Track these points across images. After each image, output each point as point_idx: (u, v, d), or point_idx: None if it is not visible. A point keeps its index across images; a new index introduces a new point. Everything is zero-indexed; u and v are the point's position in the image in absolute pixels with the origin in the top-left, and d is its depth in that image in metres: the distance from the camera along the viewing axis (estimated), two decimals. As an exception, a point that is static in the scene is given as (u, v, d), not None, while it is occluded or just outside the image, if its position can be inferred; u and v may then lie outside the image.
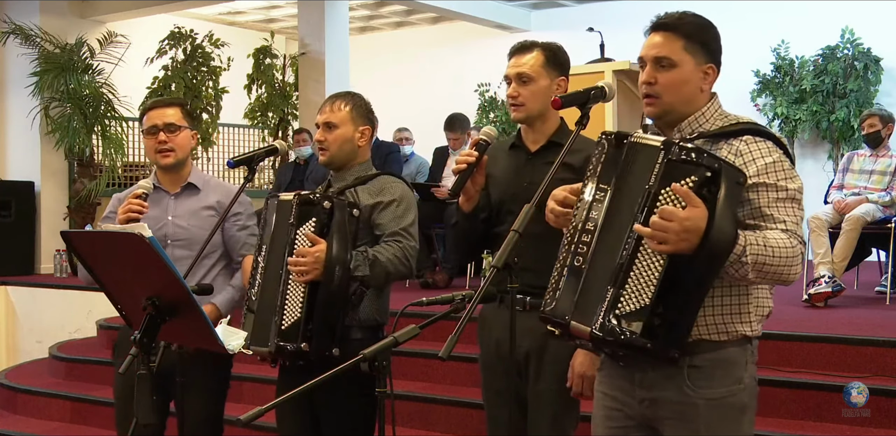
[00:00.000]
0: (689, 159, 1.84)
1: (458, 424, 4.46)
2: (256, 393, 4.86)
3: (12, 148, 9.36)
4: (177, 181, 3.22)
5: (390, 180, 2.98)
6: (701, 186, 1.82)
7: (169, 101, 3.28)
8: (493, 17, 10.83)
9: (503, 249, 1.98)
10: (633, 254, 1.86)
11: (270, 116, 9.50)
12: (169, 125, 3.15)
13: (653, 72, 2.07)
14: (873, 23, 8.92)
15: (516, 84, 2.76)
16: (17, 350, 7.95)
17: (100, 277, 2.38)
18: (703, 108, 2.10)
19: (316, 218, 2.73)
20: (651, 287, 1.83)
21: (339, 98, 3.00)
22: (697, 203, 1.80)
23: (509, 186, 2.81)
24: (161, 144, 3.14)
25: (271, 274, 2.81)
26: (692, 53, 2.06)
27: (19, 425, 5.47)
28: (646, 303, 1.83)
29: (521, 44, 2.83)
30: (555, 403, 2.73)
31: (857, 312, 5.28)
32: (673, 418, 2.02)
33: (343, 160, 2.98)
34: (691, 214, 1.79)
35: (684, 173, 1.84)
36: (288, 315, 2.72)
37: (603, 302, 1.87)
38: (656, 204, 1.85)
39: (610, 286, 1.86)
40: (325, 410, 2.87)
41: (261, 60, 9.42)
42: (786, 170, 1.99)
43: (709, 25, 2.11)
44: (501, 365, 2.79)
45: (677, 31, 2.07)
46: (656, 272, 1.83)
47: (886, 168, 6.00)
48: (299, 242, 2.73)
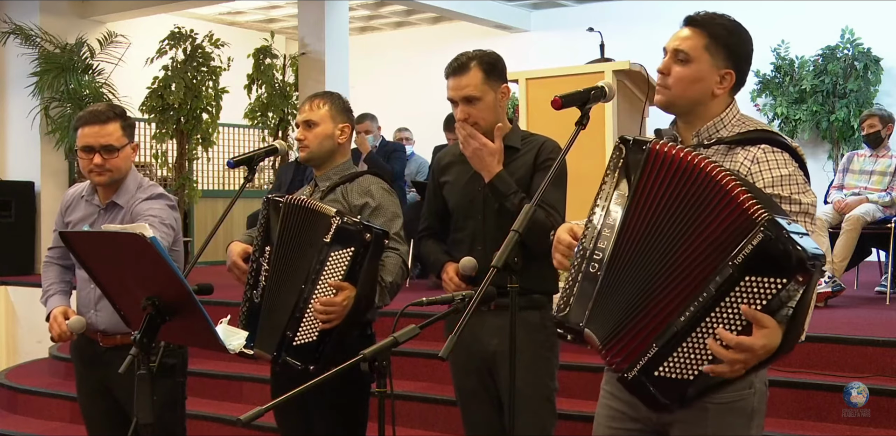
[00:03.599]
0: (787, 255, 1.64)
1: (457, 424, 4.41)
2: (256, 393, 4.86)
3: (12, 148, 9.36)
4: (108, 195, 3.09)
5: (373, 181, 3.00)
6: (785, 288, 1.66)
7: (106, 116, 2.99)
8: (493, 17, 10.82)
9: (503, 249, 1.98)
10: (693, 326, 1.75)
11: (270, 116, 9.49)
12: (106, 147, 2.96)
13: (669, 63, 2.06)
14: (873, 23, 8.92)
15: (463, 106, 2.78)
16: (17, 350, 7.95)
17: (98, 277, 2.38)
18: (722, 113, 2.08)
19: (354, 248, 2.67)
20: (699, 366, 1.75)
21: (318, 97, 3.03)
22: (769, 324, 1.67)
23: (466, 192, 2.86)
24: (97, 166, 2.96)
25: (284, 284, 2.78)
26: (712, 54, 2.04)
27: (19, 425, 5.47)
28: (689, 379, 1.77)
29: (457, 62, 2.81)
30: (532, 402, 2.74)
31: (857, 312, 5.28)
32: (681, 421, 2.01)
33: (323, 157, 3.01)
34: (766, 341, 1.67)
35: (774, 271, 1.66)
36: (303, 335, 2.71)
37: (644, 355, 1.80)
38: (733, 290, 1.70)
39: (656, 344, 1.79)
40: (315, 407, 2.88)
41: (261, 60, 9.40)
42: (800, 184, 1.97)
43: (740, 32, 2.08)
44: (472, 364, 2.81)
45: (704, 29, 2.05)
46: (710, 356, 1.73)
47: (886, 168, 6.00)
48: (327, 270, 2.70)
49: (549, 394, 2.83)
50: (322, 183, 3.03)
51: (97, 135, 2.96)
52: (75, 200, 3.20)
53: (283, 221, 2.81)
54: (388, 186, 3.04)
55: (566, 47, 9.97)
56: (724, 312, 1.72)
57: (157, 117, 9.04)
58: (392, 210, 2.93)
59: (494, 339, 2.72)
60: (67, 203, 3.21)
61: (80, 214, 3.14)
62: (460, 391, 2.94)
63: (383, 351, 1.91)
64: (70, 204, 3.21)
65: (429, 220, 3.03)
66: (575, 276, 1.96)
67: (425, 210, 3.08)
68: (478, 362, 2.83)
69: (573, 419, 3.85)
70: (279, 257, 2.82)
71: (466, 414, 2.94)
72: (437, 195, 3.00)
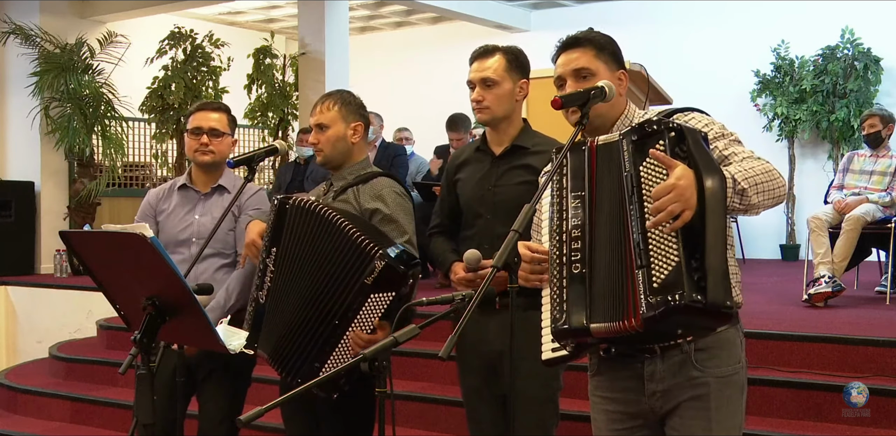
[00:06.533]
0: (649, 130, 1.93)
1: (458, 424, 4.45)
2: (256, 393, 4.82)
3: (12, 148, 9.36)
4: (209, 182, 3.30)
5: (386, 184, 2.96)
6: (672, 146, 1.89)
7: (217, 106, 3.38)
8: (493, 17, 10.83)
9: (503, 249, 1.98)
10: (644, 232, 1.89)
11: (270, 116, 9.49)
12: (213, 130, 3.25)
13: (574, 84, 2.18)
14: (873, 23, 8.92)
15: (480, 88, 2.82)
16: (17, 350, 7.95)
17: (98, 277, 2.38)
18: (625, 111, 2.22)
19: (395, 294, 2.65)
20: (674, 250, 1.84)
21: (328, 98, 3.01)
22: (675, 163, 1.85)
23: (476, 189, 2.88)
24: (203, 146, 3.24)
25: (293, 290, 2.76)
26: (605, 62, 2.21)
27: (19, 425, 5.47)
28: (677, 262, 1.83)
29: (483, 48, 2.88)
30: (536, 401, 2.74)
31: (857, 312, 5.28)
32: (686, 399, 2.06)
33: (339, 159, 2.99)
34: (677, 174, 1.83)
35: (652, 144, 1.91)
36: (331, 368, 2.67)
37: (637, 287, 1.87)
38: (640, 183, 1.92)
39: (637, 269, 1.88)
40: (325, 410, 2.87)
41: (261, 60, 9.41)
42: (718, 125, 2.14)
43: (610, 38, 2.27)
44: (477, 363, 2.82)
45: (588, 44, 2.21)
46: (673, 237, 1.85)
47: (886, 168, 6.00)
48: (367, 311, 2.66)
49: (552, 394, 2.83)
50: (337, 183, 3.01)
51: (206, 119, 3.26)
52: (165, 193, 3.36)
53: (291, 225, 2.80)
54: (402, 189, 3.00)
55: (566, 47, 9.97)
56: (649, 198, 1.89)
57: (157, 117, 9.05)
58: (403, 219, 2.89)
59: (500, 338, 2.72)
60: (159, 195, 3.36)
61: (175, 201, 3.31)
62: (465, 390, 2.94)
63: (383, 351, 1.91)
64: (161, 196, 3.35)
65: (441, 217, 3.05)
66: (559, 284, 1.99)
67: (438, 207, 3.09)
68: (483, 360, 2.83)
69: (573, 419, 3.84)
70: (286, 261, 2.79)
71: (471, 413, 2.94)
72: (451, 193, 3.00)
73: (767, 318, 4.85)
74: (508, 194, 2.80)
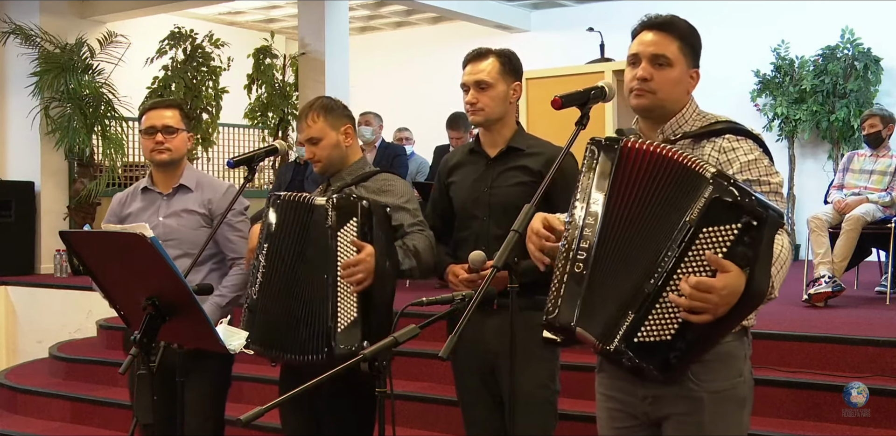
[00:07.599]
0: (736, 203, 1.77)
1: (457, 424, 4.41)
2: (256, 393, 4.85)
3: (12, 148, 9.35)
4: (170, 181, 3.28)
5: (387, 177, 3.00)
6: (742, 233, 1.76)
7: (168, 103, 3.33)
8: (493, 17, 10.83)
9: (503, 249, 1.98)
10: (663, 286, 1.83)
11: (270, 116, 9.49)
12: (166, 127, 3.21)
13: (650, 68, 2.11)
14: (873, 23, 8.92)
15: (475, 91, 2.84)
16: (17, 350, 7.94)
17: (98, 277, 2.38)
18: (683, 110, 2.16)
19: (356, 219, 2.69)
20: (675, 324, 1.81)
21: (309, 110, 3.00)
22: (730, 268, 1.75)
23: (471, 191, 2.89)
24: (158, 144, 3.21)
25: (285, 282, 2.77)
26: (685, 55, 2.14)
27: (19, 425, 5.47)
28: (667, 339, 1.82)
29: (477, 51, 2.90)
30: (532, 404, 2.74)
31: (857, 312, 5.28)
32: (677, 412, 2.03)
33: (338, 165, 3.02)
34: (728, 281, 1.74)
35: (728, 219, 1.77)
36: (344, 318, 2.67)
37: (621, 324, 1.86)
38: (694, 244, 1.80)
39: (631, 311, 1.85)
40: (324, 412, 2.87)
41: (261, 60, 9.41)
42: (766, 166, 2.07)
43: (696, 31, 2.19)
44: (475, 363, 2.81)
45: (672, 32, 2.13)
46: (679, 319, 1.81)
47: (887, 168, 6.00)
48: (342, 249, 2.69)
49: (550, 396, 2.83)
50: (335, 183, 3.03)
51: (158, 117, 3.23)
52: (129, 197, 3.36)
53: (280, 217, 2.83)
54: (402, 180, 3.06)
55: (566, 47, 9.98)
56: (690, 266, 1.80)
57: (156, 117, 9.03)
58: (413, 204, 2.94)
59: (497, 339, 2.72)
60: (122, 200, 3.36)
61: (139, 204, 3.30)
62: (462, 390, 2.94)
63: (383, 351, 1.91)
64: (125, 200, 3.35)
65: (432, 220, 3.04)
66: (560, 278, 1.98)
67: (429, 211, 3.09)
68: (480, 361, 2.83)
69: (573, 419, 3.85)
70: (275, 253, 2.80)
71: (467, 413, 2.94)
72: (444, 196, 3.01)
73: (767, 318, 4.84)
74: (504, 196, 2.81)
